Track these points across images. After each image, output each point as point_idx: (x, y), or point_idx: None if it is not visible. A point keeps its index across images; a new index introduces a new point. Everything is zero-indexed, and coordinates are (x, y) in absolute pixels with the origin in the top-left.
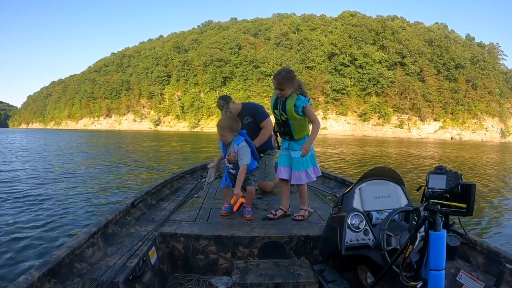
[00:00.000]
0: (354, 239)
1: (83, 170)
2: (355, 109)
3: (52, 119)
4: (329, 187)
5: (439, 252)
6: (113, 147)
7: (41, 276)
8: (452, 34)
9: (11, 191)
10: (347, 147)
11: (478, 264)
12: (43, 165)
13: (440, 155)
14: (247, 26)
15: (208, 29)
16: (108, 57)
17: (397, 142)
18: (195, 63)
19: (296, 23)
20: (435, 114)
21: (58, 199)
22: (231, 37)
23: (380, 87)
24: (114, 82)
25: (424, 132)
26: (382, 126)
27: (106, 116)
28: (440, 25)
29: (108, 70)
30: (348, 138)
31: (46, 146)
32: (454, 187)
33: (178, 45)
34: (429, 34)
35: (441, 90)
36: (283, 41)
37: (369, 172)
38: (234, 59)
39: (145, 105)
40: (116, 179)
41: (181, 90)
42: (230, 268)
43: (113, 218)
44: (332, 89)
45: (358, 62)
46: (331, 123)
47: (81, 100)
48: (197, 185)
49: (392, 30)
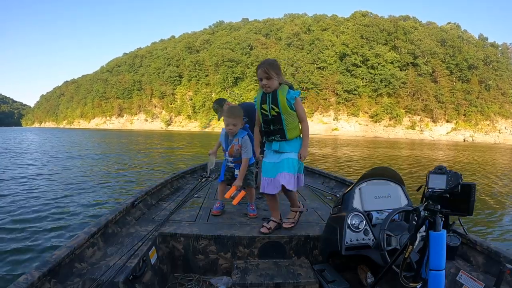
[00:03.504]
0: (354, 239)
1: (84, 170)
2: (366, 110)
3: (65, 118)
4: (329, 187)
5: (439, 252)
6: (127, 148)
7: (41, 276)
8: (465, 34)
9: (13, 191)
10: (356, 149)
11: (478, 264)
12: (49, 163)
13: (452, 156)
14: (258, 26)
15: (220, 29)
16: (121, 57)
17: (409, 143)
18: (206, 64)
19: (307, 23)
20: (447, 115)
21: (58, 200)
22: (242, 37)
23: (392, 88)
24: (126, 82)
25: (436, 133)
26: (394, 128)
27: (118, 116)
28: (453, 25)
29: (120, 70)
30: (359, 139)
31: (56, 146)
32: (454, 187)
33: (190, 45)
34: (441, 34)
35: (453, 91)
36: (294, 42)
37: (369, 172)
38: (245, 59)
39: (156, 105)
40: (117, 179)
41: (193, 90)
42: (230, 268)
43: (113, 218)
44: (343, 89)
45: (370, 63)
46: (343, 124)
47: (94, 99)
48: (197, 185)
49: (404, 30)
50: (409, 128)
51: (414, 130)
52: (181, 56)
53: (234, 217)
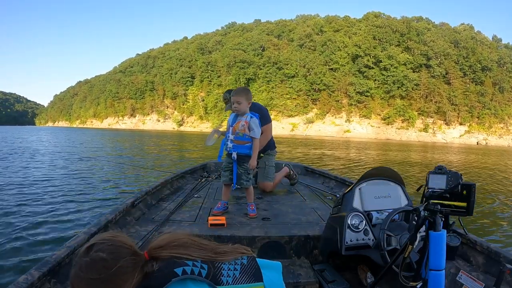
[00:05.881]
0: (354, 239)
1: (86, 170)
2: (379, 112)
3: (78, 118)
4: (329, 187)
5: (439, 252)
6: (140, 150)
7: (41, 276)
8: (478, 35)
9: (15, 192)
10: (367, 152)
11: (478, 264)
12: (54, 162)
13: (469, 161)
14: (270, 27)
15: (232, 30)
16: (133, 58)
17: (421, 146)
18: (218, 64)
19: (319, 24)
20: (460, 118)
21: (58, 199)
22: (254, 38)
23: (405, 90)
24: (139, 82)
25: (449, 136)
26: (406, 130)
27: (131, 116)
28: (466, 26)
29: (133, 70)
30: (371, 141)
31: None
32: (454, 187)
33: (202, 46)
34: (454, 35)
35: (467, 93)
36: (306, 43)
37: (369, 172)
38: (257, 60)
39: (169, 105)
40: (117, 179)
41: (205, 91)
42: None
43: (113, 218)
44: (355, 91)
45: (383, 64)
46: (355, 126)
47: (106, 99)
48: (197, 185)
49: (417, 31)
50: (421, 131)
51: (427, 133)
52: (194, 57)
53: (234, 217)
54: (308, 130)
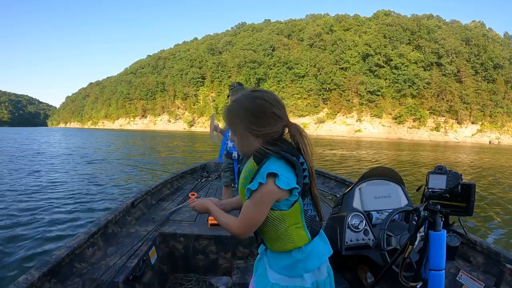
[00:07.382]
0: (354, 239)
1: (89, 171)
2: (390, 111)
3: (90, 119)
4: (329, 187)
5: (439, 252)
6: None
7: (41, 276)
8: (489, 33)
9: (18, 191)
10: (384, 152)
11: (478, 264)
12: (60, 164)
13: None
14: (280, 27)
15: (242, 30)
16: (144, 59)
17: (433, 146)
18: (229, 65)
19: (329, 23)
20: (472, 116)
21: (58, 200)
22: (264, 38)
23: (416, 89)
24: (150, 83)
25: (461, 135)
26: (418, 129)
27: (142, 117)
28: (477, 23)
29: (144, 72)
30: (382, 141)
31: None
32: (454, 187)
33: (212, 47)
34: (466, 32)
35: (479, 92)
36: (316, 42)
37: (369, 172)
38: (267, 60)
39: (179, 106)
40: (118, 179)
41: (215, 92)
42: (230, 268)
43: (113, 218)
44: (366, 90)
45: (393, 63)
46: (366, 125)
47: (118, 100)
48: (197, 185)
49: (428, 29)
50: (433, 130)
51: (439, 132)
52: (204, 58)
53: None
54: (319, 130)
